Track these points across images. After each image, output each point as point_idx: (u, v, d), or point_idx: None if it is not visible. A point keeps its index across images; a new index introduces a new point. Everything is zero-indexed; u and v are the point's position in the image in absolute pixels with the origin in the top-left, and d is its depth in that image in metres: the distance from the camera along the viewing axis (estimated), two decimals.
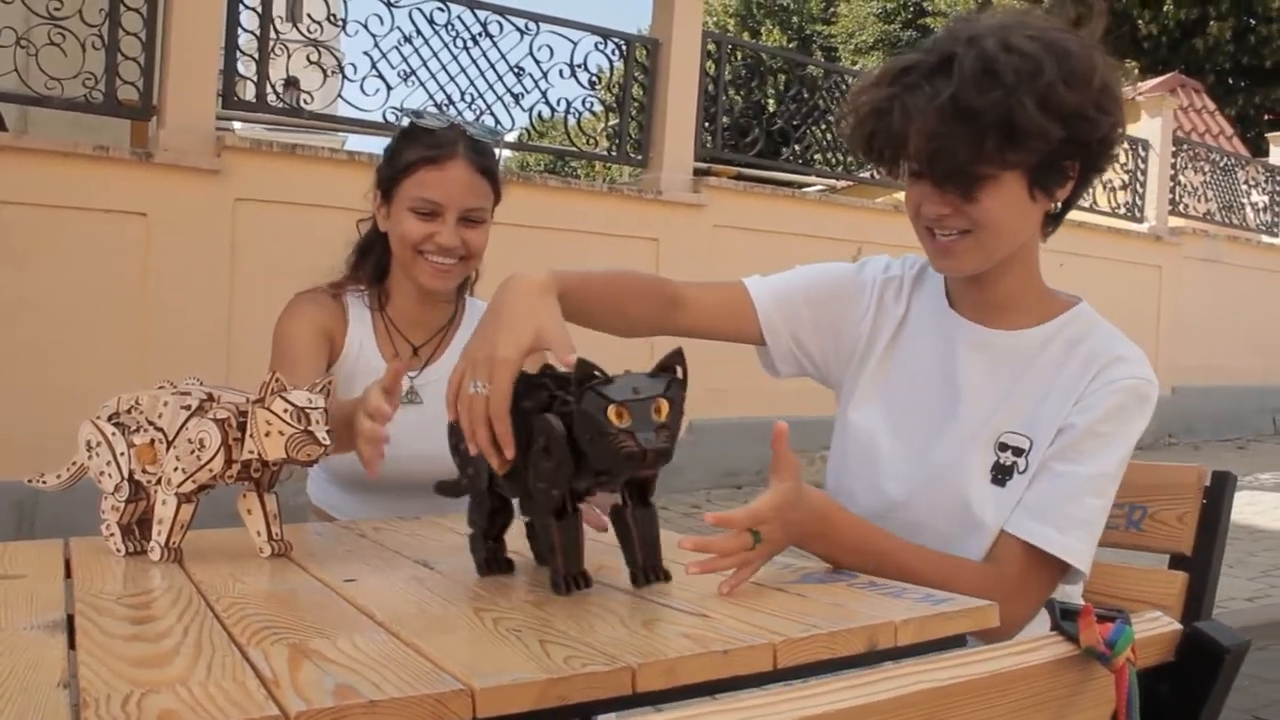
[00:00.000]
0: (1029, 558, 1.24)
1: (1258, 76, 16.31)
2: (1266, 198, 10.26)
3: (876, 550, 1.23)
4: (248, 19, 5.16)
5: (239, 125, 6.14)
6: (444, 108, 5.67)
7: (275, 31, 5.25)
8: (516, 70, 5.97)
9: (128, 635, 0.90)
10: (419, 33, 5.67)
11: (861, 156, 1.38)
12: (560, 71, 6.10)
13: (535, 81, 6.03)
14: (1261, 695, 3.30)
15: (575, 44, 6.11)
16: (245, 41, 5.18)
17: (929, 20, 19.64)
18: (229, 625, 0.92)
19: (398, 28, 5.58)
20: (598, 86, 6.47)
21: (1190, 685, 0.93)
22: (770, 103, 7.42)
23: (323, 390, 1.21)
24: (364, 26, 5.49)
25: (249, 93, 5.24)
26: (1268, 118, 16.04)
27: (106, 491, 1.26)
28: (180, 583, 1.10)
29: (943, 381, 1.37)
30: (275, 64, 5.27)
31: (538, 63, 6.02)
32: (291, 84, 5.40)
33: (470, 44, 5.82)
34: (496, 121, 5.87)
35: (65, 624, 0.93)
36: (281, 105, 5.42)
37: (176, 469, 1.20)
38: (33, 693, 0.75)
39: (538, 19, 6.00)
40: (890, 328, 1.44)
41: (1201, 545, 1.38)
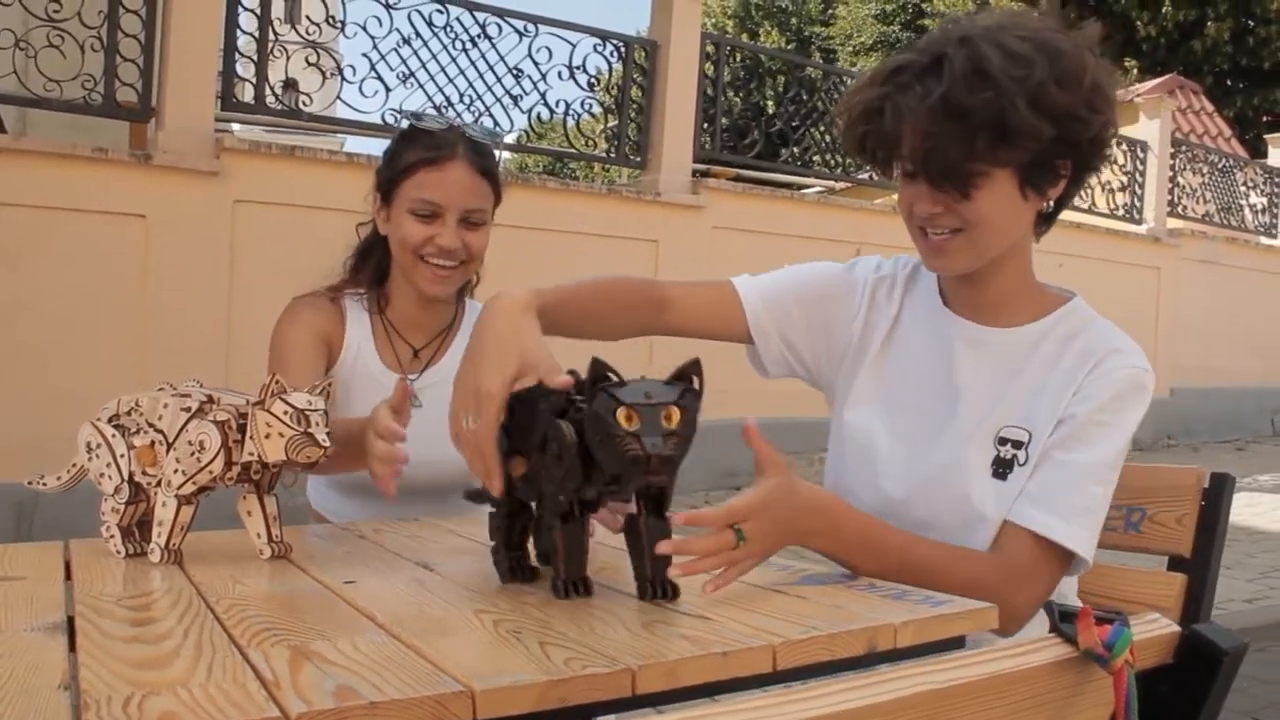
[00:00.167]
0: (1034, 546, 1.24)
1: (1256, 78, 16.32)
2: (1265, 199, 10.27)
3: (881, 544, 1.22)
4: (246, 21, 5.17)
5: (238, 127, 6.14)
6: (443, 110, 5.67)
7: (274, 33, 5.25)
8: (515, 72, 5.97)
9: (128, 637, 0.90)
10: (418, 34, 5.67)
11: (855, 156, 1.38)
12: (559, 73, 6.10)
13: (534, 83, 6.03)
14: (1260, 697, 3.30)
15: (574, 46, 6.11)
16: (244, 43, 5.18)
17: (927, 22, 19.64)
18: (229, 627, 0.92)
19: (396, 29, 5.60)
20: (596, 88, 6.47)
21: (1189, 687, 0.94)
22: (769, 104, 7.44)
23: (322, 392, 1.21)
24: (363, 28, 5.49)
25: (248, 94, 5.24)
26: (1266, 119, 16.04)
27: (106, 493, 1.26)
28: (180, 584, 1.10)
29: (940, 380, 1.37)
30: (274, 66, 5.27)
31: (536, 64, 6.03)
32: (290, 86, 5.40)
33: (469, 46, 5.82)
34: (495, 123, 5.88)
35: (65, 626, 0.93)
36: (280, 107, 5.42)
37: (176, 471, 1.20)
38: (33, 695, 0.75)
39: (536, 21, 6.00)
40: (884, 328, 1.44)
41: (1200, 547, 1.38)
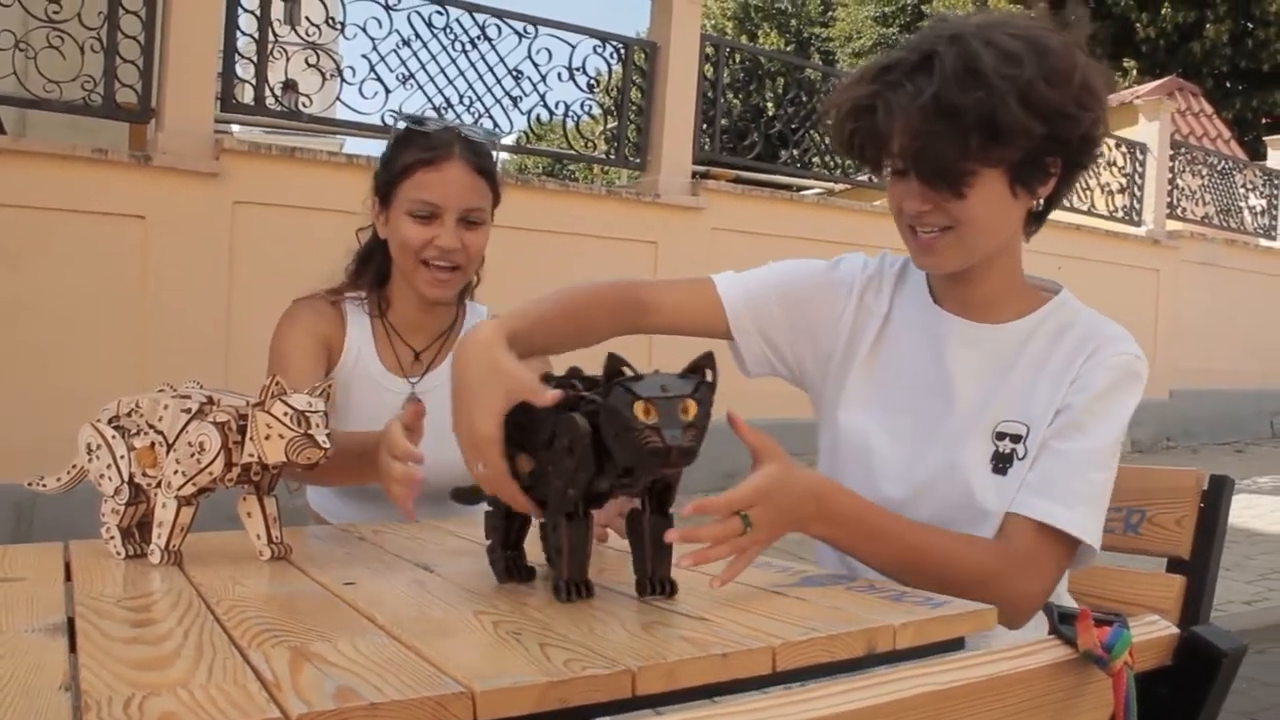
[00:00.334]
0: (1037, 534, 1.23)
1: (1255, 80, 16.34)
2: (1264, 201, 10.27)
3: (879, 529, 1.21)
4: (246, 22, 5.17)
5: (237, 128, 6.14)
6: (442, 111, 5.68)
7: (274, 34, 5.25)
8: (515, 73, 5.98)
9: (128, 638, 0.90)
10: (417, 36, 5.67)
11: (843, 154, 1.37)
12: (559, 75, 6.10)
13: (534, 85, 6.04)
14: (1260, 698, 3.31)
15: (573, 47, 6.12)
16: (244, 44, 5.18)
17: (927, 24, 19.62)
18: (229, 628, 0.92)
19: (396, 31, 5.60)
20: (596, 90, 6.48)
21: (1188, 689, 0.94)
22: (768, 106, 7.43)
23: (322, 394, 1.21)
24: (362, 30, 5.49)
25: (247, 96, 5.25)
26: (1265, 121, 16.06)
27: (106, 494, 1.26)
28: (180, 585, 1.10)
29: (934, 378, 1.37)
30: (274, 67, 5.27)
31: (536, 66, 6.03)
32: (290, 87, 5.40)
33: (469, 47, 5.82)
34: (495, 124, 5.88)
35: (66, 627, 0.93)
36: (280, 108, 5.42)
37: (176, 472, 1.20)
38: (34, 696, 0.75)
39: (536, 22, 6.01)
40: (874, 327, 1.43)
41: (1199, 549, 1.38)
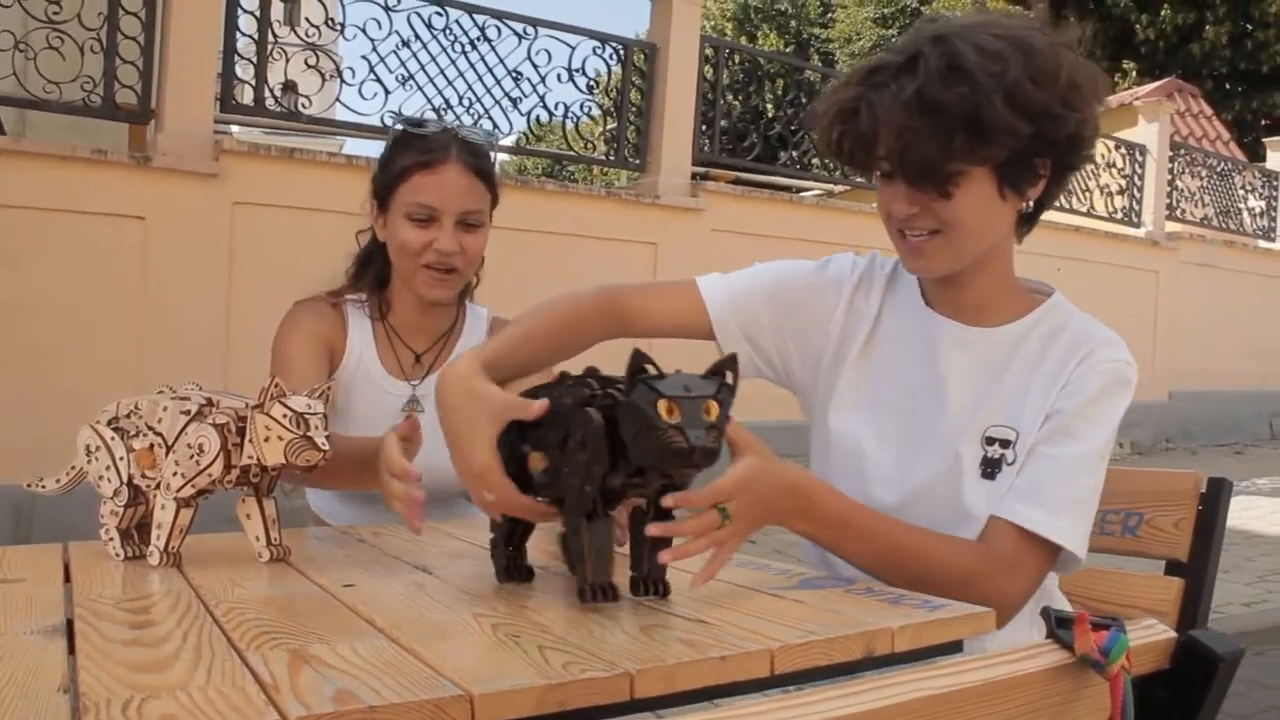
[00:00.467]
0: (1020, 539, 1.22)
1: (1255, 81, 16.34)
2: (1263, 203, 10.28)
3: (861, 526, 1.21)
4: (246, 23, 5.17)
5: (237, 129, 6.14)
6: (442, 112, 5.68)
7: (273, 35, 5.25)
8: (514, 75, 5.98)
9: (127, 640, 0.90)
10: (417, 37, 5.68)
11: (832, 158, 1.37)
12: (558, 76, 6.10)
13: (533, 86, 6.04)
14: (1260, 700, 3.30)
15: (573, 49, 6.11)
16: (243, 45, 5.18)
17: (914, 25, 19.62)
18: (228, 630, 0.92)
19: (395, 32, 5.60)
20: (596, 91, 6.48)
21: (1185, 693, 0.94)
22: (768, 107, 7.43)
23: (322, 395, 1.21)
24: (362, 31, 5.49)
25: (247, 96, 5.25)
26: (1265, 123, 16.06)
27: (105, 496, 1.26)
28: (179, 587, 1.11)
29: (925, 382, 1.36)
30: (273, 68, 5.27)
31: (535, 67, 6.03)
32: (289, 88, 5.40)
33: (468, 48, 5.83)
34: (494, 125, 5.89)
35: (65, 628, 0.94)
36: (279, 109, 5.42)
37: (175, 474, 1.20)
38: (33, 698, 0.75)
39: (535, 23, 6.01)
40: (864, 330, 1.41)
41: (1198, 551, 1.38)
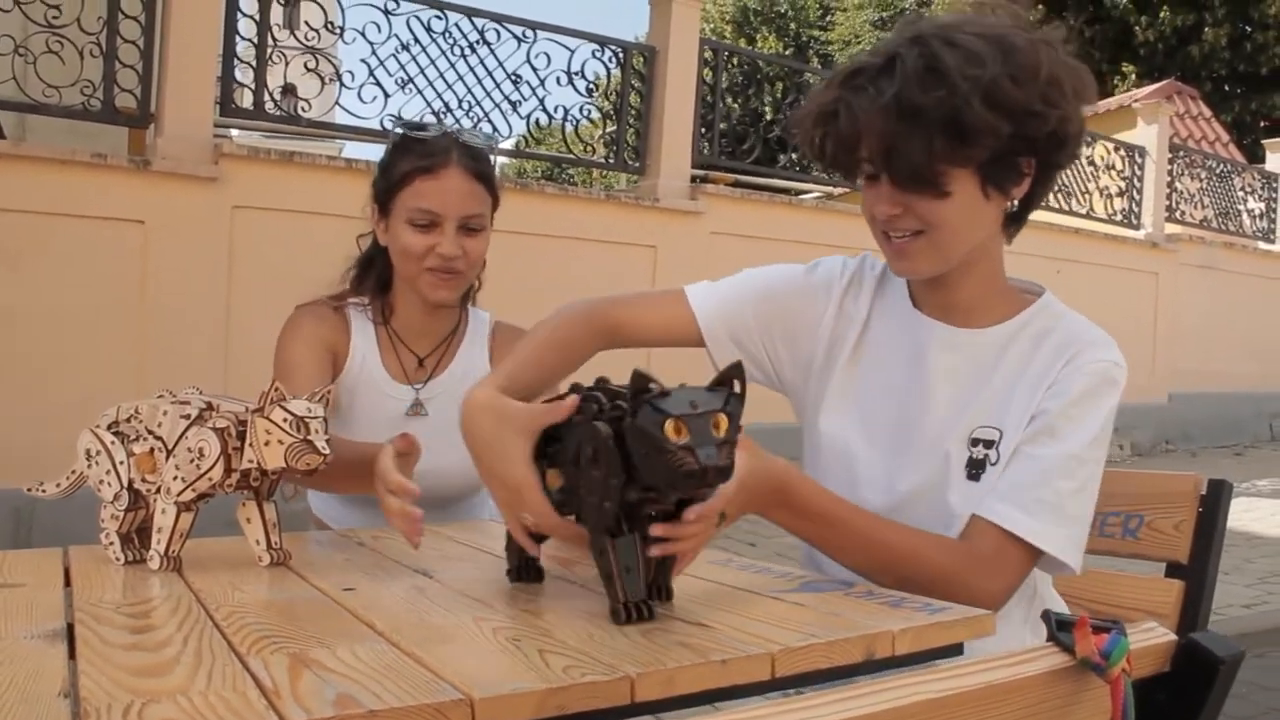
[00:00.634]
0: (998, 538, 1.21)
1: (1254, 83, 16.35)
2: (1263, 204, 10.29)
3: (841, 519, 1.21)
4: (245, 27, 5.17)
5: (236, 132, 6.15)
6: (441, 115, 5.68)
7: (273, 39, 5.26)
8: (514, 78, 5.98)
9: (128, 644, 0.90)
10: (416, 40, 5.68)
11: (815, 162, 1.37)
12: (558, 79, 6.11)
13: (533, 89, 6.04)
14: (1260, 703, 3.30)
15: (572, 52, 6.12)
16: (243, 49, 5.18)
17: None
18: (229, 634, 0.92)
19: (395, 35, 5.60)
20: (595, 94, 6.49)
21: (1186, 695, 0.94)
22: (767, 110, 7.44)
23: (321, 399, 1.21)
24: (361, 34, 5.49)
25: (247, 100, 5.25)
26: (1264, 124, 16.06)
27: (106, 500, 1.26)
28: (180, 591, 1.11)
29: (914, 384, 1.35)
30: (273, 71, 5.27)
31: (535, 70, 6.04)
32: (289, 91, 5.40)
33: (468, 51, 5.83)
34: (494, 129, 5.89)
35: (65, 633, 0.93)
36: (279, 113, 5.43)
37: (176, 478, 1.20)
38: (33, 703, 0.75)
39: (535, 27, 6.01)
40: (854, 333, 1.41)
41: (1198, 553, 1.38)
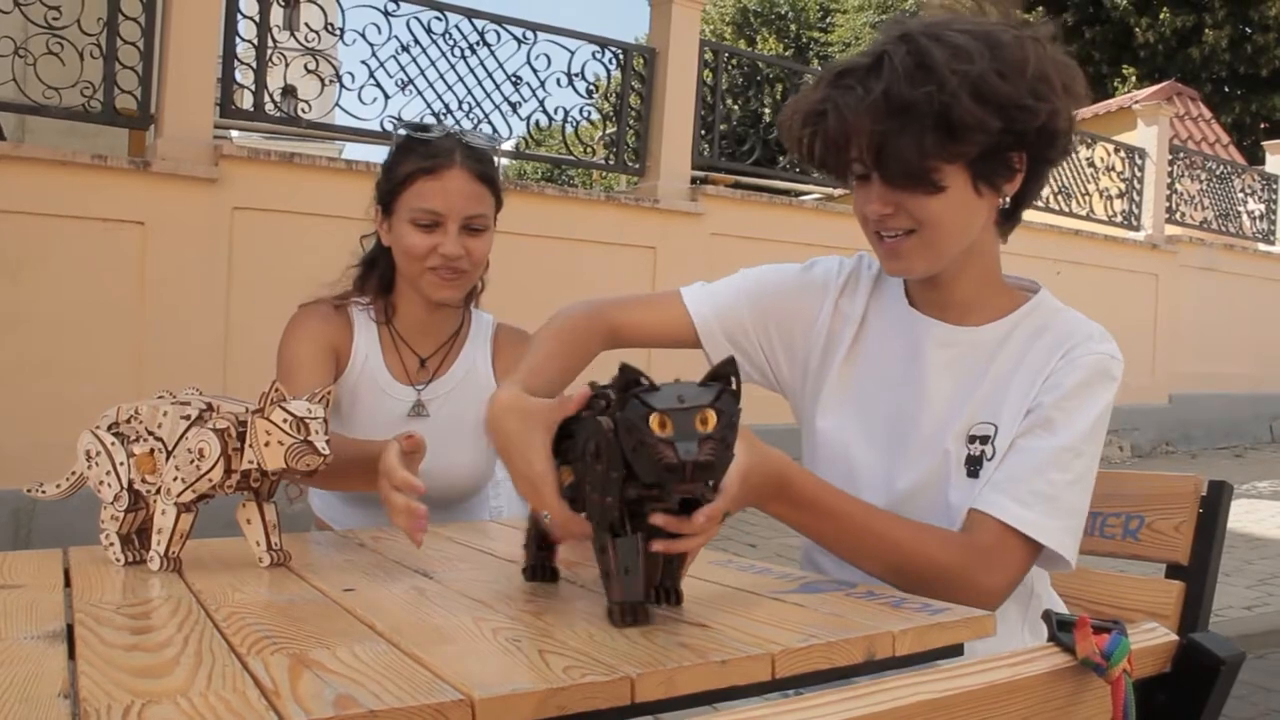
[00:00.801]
0: (997, 530, 1.21)
1: (1254, 85, 16.36)
2: (1263, 206, 10.30)
3: (839, 511, 1.20)
4: (245, 28, 5.17)
5: (236, 134, 6.16)
6: (441, 117, 5.69)
7: (273, 40, 5.26)
8: (514, 79, 5.98)
9: (128, 645, 0.90)
10: (416, 42, 5.68)
11: (804, 163, 1.36)
12: (558, 80, 6.12)
13: (533, 90, 6.04)
14: (1260, 704, 3.30)
15: (572, 53, 6.12)
16: (243, 50, 5.19)
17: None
18: (229, 635, 0.92)
19: (395, 37, 5.60)
20: (595, 95, 6.49)
21: (1186, 696, 0.94)
22: (767, 111, 7.46)
23: (322, 400, 1.21)
24: (361, 35, 5.50)
25: (247, 101, 5.25)
26: (1264, 126, 16.08)
27: (106, 501, 1.26)
28: (180, 592, 1.11)
29: (911, 381, 1.35)
30: (273, 73, 5.27)
31: (535, 72, 6.04)
32: (289, 93, 5.41)
33: (468, 53, 5.83)
34: (494, 130, 5.89)
35: (65, 634, 0.93)
36: (279, 114, 5.43)
37: (176, 479, 1.20)
38: (33, 704, 0.75)
39: (535, 28, 6.02)
40: (850, 332, 1.41)
41: (1198, 554, 1.38)
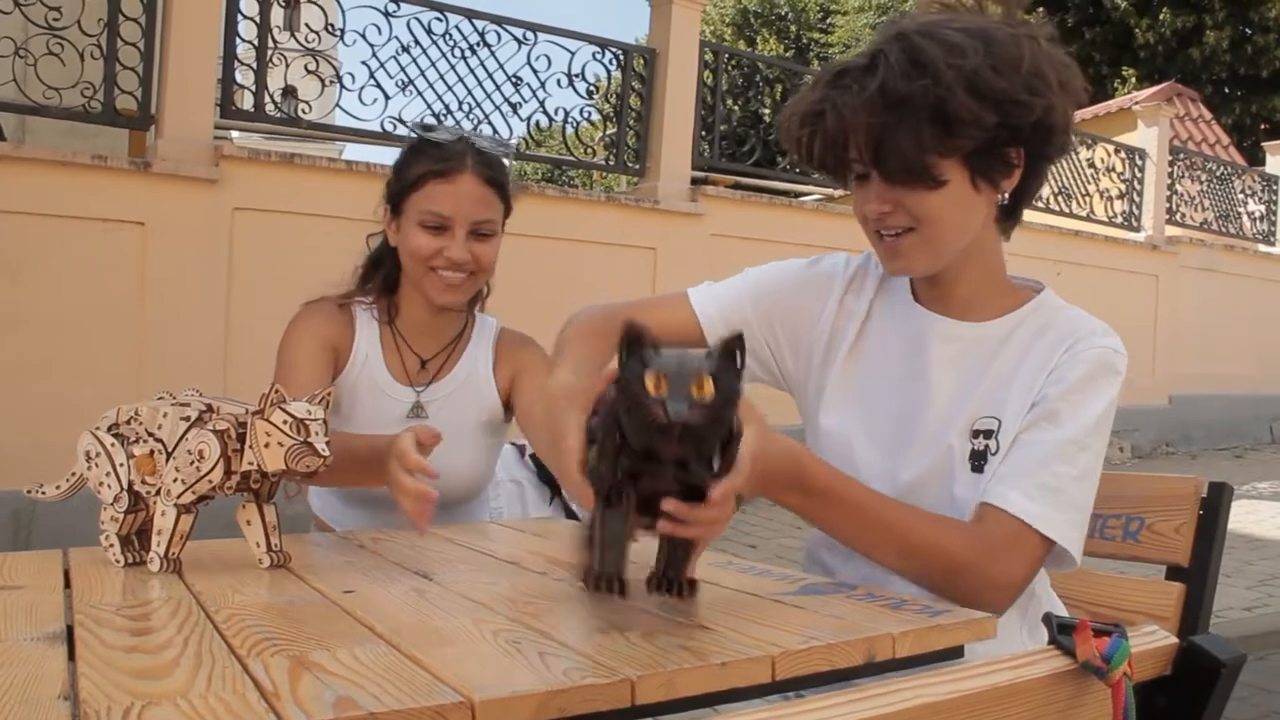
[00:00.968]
0: (1005, 523, 1.21)
1: (1254, 86, 16.36)
2: (1263, 207, 10.30)
3: (852, 500, 1.20)
4: (246, 29, 5.17)
5: (237, 134, 6.16)
6: (442, 117, 5.69)
7: (273, 41, 5.26)
8: (514, 80, 5.98)
9: (128, 647, 0.90)
10: (416, 42, 5.68)
11: (803, 164, 1.37)
12: (558, 81, 6.12)
13: (533, 91, 6.04)
14: (1261, 705, 3.30)
15: (573, 54, 6.12)
16: (243, 51, 5.19)
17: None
18: (229, 637, 0.92)
19: (395, 37, 5.60)
20: (595, 96, 6.49)
21: (1187, 698, 0.94)
22: (767, 112, 7.46)
23: (321, 401, 1.21)
24: (362, 36, 5.50)
25: (247, 102, 5.25)
26: (1264, 127, 16.09)
27: (106, 502, 1.26)
28: (180, 594, 1.10)
29: (914, 378, 1.35)
30: (273, 73, 5.27)
31: (535, 72, 6.04)
32: (289, 93, 5.41)
33: (468, 53, 5.83)
34: (494, 131, 5.89)
35: (65, 635, 0.93)
36: (279, 115, 5.43)
37: (176, 480, 1.20)
38: (33, 705, 0.74)
39: (535, 29, 6.02)
40: (853, 329, 1.42)
41: (1198, 556, 1.38)
